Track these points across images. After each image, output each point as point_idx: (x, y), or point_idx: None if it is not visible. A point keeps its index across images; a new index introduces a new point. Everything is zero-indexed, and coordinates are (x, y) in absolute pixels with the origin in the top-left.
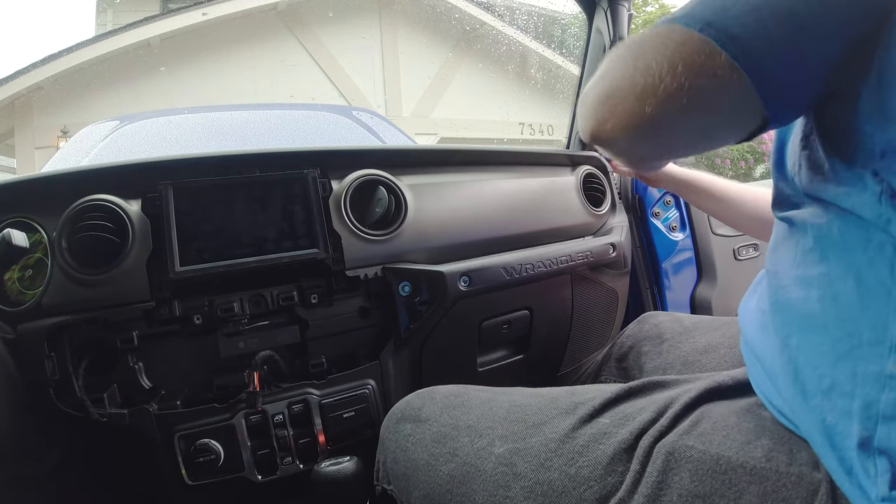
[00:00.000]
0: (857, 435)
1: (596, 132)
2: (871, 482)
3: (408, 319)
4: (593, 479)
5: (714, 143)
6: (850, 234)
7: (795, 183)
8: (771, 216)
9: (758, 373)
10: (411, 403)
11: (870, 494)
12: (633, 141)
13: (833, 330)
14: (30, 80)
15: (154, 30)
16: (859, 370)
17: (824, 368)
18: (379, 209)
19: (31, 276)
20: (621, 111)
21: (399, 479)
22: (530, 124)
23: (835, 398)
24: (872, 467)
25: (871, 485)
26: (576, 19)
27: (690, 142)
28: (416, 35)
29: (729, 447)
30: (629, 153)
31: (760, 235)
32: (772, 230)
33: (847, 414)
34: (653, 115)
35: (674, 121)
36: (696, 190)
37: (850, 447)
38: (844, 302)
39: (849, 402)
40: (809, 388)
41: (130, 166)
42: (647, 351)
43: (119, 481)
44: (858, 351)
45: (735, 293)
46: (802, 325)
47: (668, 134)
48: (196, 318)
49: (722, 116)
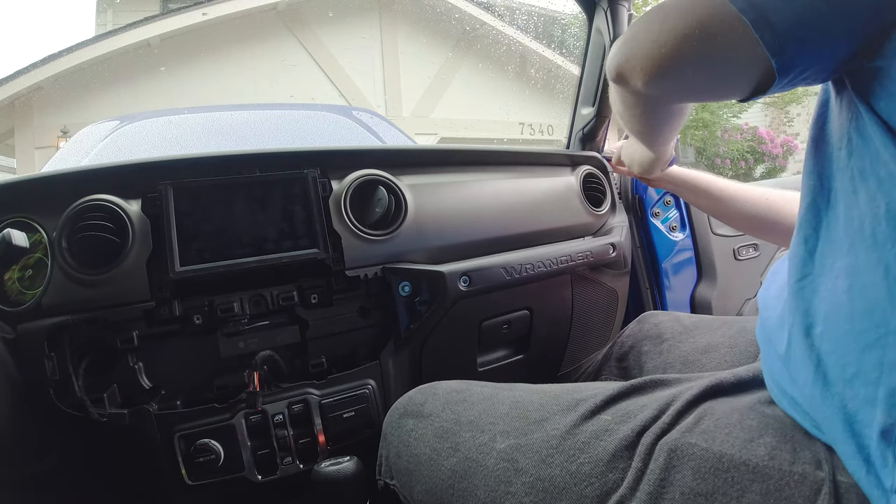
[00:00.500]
0: (880, 423)
1: (620, 68)
2: (888, 472)
3: (408, 319)
4: (594, 476)
5: (723, 91)
6: (879, 227)
7: (837, 160)
8: (770, 216)
9: (773, 361)
10: (414, 399)
11: (885, 484)
12: (651, 81)
13: (860, 320)
14: (30, 80)
15: (154, 30)
16: (886, 358)
17: (850, 357)
18: (379, 209)
19: (31, 276)
20: (642, 50)
21: (401, 474)
22: (530, 124)
23: (858, 386)
24: (891, 456)
25: (887, 474)
26: (576, 19)
27: (700, 87)
28: (416, 35)
29: (731, 445)
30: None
31: (760, 235)
32: (772, 229)
33: (870, 402)
34: (667, 55)
35: (685, 63)
36: (696, 189)
37: (871, 435)
38: (873, 293)
39: (873, 390)
40: (832, 377)
41: (130, 166)
42: (648, 350)
43: (119, 481)
44: (885, 339)
45: (735, 293)
46: (828, 315)
47: (680, 75)
48: (196, 318)
49: (730, 64)
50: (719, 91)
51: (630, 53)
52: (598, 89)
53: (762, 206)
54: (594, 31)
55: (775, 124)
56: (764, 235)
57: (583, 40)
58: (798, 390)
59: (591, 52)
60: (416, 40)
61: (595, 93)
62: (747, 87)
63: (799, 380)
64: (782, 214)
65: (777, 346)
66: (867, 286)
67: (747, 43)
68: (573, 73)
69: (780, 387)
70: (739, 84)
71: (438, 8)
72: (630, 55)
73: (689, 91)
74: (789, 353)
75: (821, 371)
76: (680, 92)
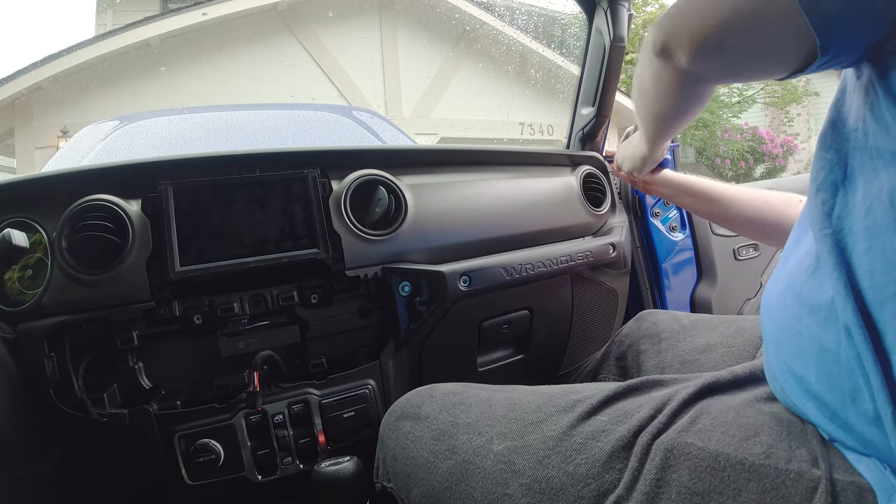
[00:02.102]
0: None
1: (666, 42)
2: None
3: (408, 319)
4: (591, 477)
5: (764, 70)
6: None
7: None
8: (772, 218)
9: (787, 341)
10: (411, 401)
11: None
12: (696, 56)
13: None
14: (30, 80)
15: (154, 30)
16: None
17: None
18: (379, 209)
19: (31, 276)
20: (690, 25)
21: (399, 477)
22: (530, 124)
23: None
24: None
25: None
26: (576, 19)
27: (743, 65)
28: (416, 35)
29: (728, 444)
30: (685, 74)
31: (760, 238)
32: (773, 232)
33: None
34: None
35: (732, 40)
36: (692, 193)
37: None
38: (891, 252)
39: (892, 340)
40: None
41: (130, 166)
42: (646, 350)
43: (119, 481)
44: None
45: (735, 293)
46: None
47: (725, 52)
48: (196, 318)
49: (775, 42)
50: (760, 69)
51: (677, 28)
52: (598, 89)
53: (763, 208)
54: (594, 31)
55: (775, 124)
56: (764, 238)
57: (583, 40)
58: (816, 367)
59: (591, 52)
60: (416, 40)
61: (595, 93)
62: (789, 66)
63: (817, 358)
64: (784, 217)
65: (792, 326)
66: (886, 245)
67: (793, 21)
68: (573, 73)
69: (789, 366)
70: (782, 62)
71: (438, 8)
72: (677, 30)
73: (731, 69)
74: (804, 330)
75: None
76: (721, 69)
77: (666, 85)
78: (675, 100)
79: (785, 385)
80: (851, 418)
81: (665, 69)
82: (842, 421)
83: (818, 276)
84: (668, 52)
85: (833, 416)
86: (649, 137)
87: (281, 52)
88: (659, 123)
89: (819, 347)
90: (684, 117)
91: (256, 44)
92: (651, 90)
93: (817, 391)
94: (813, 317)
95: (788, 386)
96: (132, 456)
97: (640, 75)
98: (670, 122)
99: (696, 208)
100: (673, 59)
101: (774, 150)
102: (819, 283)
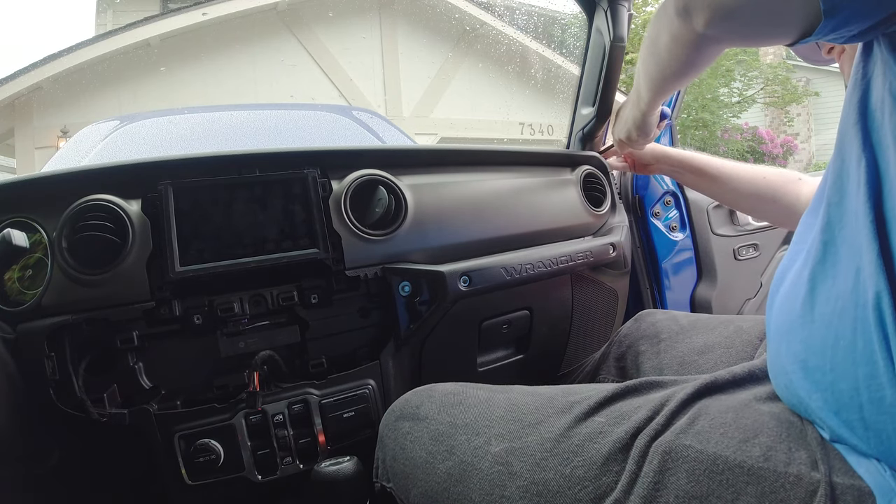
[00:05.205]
0: None
1: (689, 2)
2: None
3: (408, 319)
4: (588, 480)
5: (776, 34)
6: None
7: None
8: (769, 194)
9: (798, 331)
10: (410, 401)
11: None
12: (714, 19)
13: None
14: (30, 80)
15: (154, 30)
16: None
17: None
18: (379, 209)
19: (31, 276)
20: None
21: (398, 477)
22: (530, 124)
23: None
24: None
25: None
26: (576, 19)
27: (757, 28)
28: (416, 35)
29: (726, 446)
30: (701, 36)
31: (758, 214)
32: (770, 208)
33: None
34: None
35: (749, 4)
36: (693, 170)
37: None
38: None
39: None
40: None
41: (130, 166)
42: (645, 350)
43: (119, 481)
44: None
45: (735, 293)
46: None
47: (742, 16)
48: (196, 318)
49: (785, 3)
50: (772, 33)
51: None
52: (598, 89)
53: (761, 184)
54: (594, 31)
55: (775, 124)
56: (763, 214)
57: (583, 40)
58: (832, 354)
59: (591, 52)
60: (416, 40)
61: (595, 93)
62: (796, 28)
63: (831, 344)
64: (781, 193)
65: (803, 315)
66: None
67: None
68: (573, 73)
69: (797, 357)
70: (791, 24)
71: (438, 8)
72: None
73: (745, 31)
74: (817, 317)
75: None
76: (736, 32)
77: (683, 44)
78: (686, 59)
79: (793, 377)
80: (863, 408)
81: (683, 29)
82: (849, 414)
83: (833, 263)
84: (689, 13)
85: (840, 410)
86: (650, 97)
87: (281, 53)
88: (664, 82)
89: (834, 335)
90: (690, 76)
91: (256, 44)
92: (665, 50)
93: (830, 381)
94: (829, 305)
95: (796, 377)
96: (132, 456)
97: (654, 35)
98: (674, 80)
99: (697, 184)
100: (692, 20)
101: (774, 150)
102: (833, 271)
